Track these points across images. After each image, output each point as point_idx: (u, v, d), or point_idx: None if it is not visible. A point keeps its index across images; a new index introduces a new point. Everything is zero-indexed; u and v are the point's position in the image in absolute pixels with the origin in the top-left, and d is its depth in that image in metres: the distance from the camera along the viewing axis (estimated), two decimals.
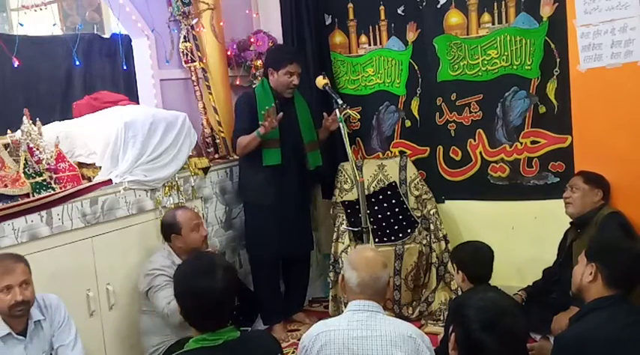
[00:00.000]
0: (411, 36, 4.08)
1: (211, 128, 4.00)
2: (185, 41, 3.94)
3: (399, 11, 4.10)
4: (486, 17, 3.81)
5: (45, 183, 2.90)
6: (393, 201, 4.05)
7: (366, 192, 3.93)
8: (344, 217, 3.86)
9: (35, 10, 3.38)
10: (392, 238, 3.84)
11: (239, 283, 2.21)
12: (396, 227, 3.92)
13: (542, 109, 3.70)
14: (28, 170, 2.87)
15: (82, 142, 3.30)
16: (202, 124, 3.97)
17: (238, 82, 4.37)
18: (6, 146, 2.92)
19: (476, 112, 3.91)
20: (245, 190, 3.86)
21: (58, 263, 2.82)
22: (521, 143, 3.79)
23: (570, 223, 3.30)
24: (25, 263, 2.39)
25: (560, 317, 2.88)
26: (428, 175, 4.14)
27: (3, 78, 3.82)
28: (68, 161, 3.06)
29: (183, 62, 3.96)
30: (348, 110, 3.34)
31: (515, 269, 3.72)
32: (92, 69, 4.26)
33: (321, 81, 3.41)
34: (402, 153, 4.21)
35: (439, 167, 4.09)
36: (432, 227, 3.80)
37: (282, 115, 3.53)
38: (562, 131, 3.64)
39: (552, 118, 3.68)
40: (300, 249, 3.90)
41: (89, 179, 3.20)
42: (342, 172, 4.20)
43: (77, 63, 3.57)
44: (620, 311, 2.11)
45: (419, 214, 3.98)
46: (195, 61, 3.96)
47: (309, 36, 4.19)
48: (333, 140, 3.95)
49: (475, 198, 4.00)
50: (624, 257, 2.20)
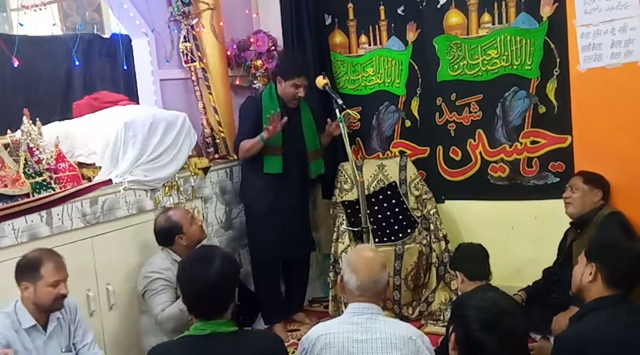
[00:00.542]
0: (411, 36, 4.08)
1: (211, 128, 4.00)
2: (185, 41, 3.94)
3: (399, 11, 4.10)
4: (486, 17, 3.81)
5: (45, 183, 2.90)
6: (393, 201, 4.05)
7: (366, 192, 3.93)
8: (344, 217, 3.86)
9: (35, 10, 3.38)
10: (392, 238, 3.84)
11: (238, 278, 2.27)
12: (396, 227, 3.92)
13: (542, 109, 3.70)
14: (28, 170, 2.87)
15: (82, 142, 3.30)
16: (202, 124, 3.98)
17: (238, 82, 4.37)
18: (6, 146, 2.93)
19: (476, 112, 3.91)
20: (246, 194, 3.89)
21: None
22: (521, 143, 3.79)
23: (570, 223, 3.30)
24: None
25: (560, 317, 2.88)
26: (428, 175, 4.14)
27: (3, 78, 3.82)
28: (68, 161, 3.07)
29: (183, 62, 3.96)
30: (349, 110, 3.34)
31: (515, 269, 3.72)
32: (92, 69, 4.26)
33: (321, 81, 3.41)
34: (402, 153, 4.21)
35: (439, 167, 4.09)
36: (432, 227, 3.80)
37: (286, 120, 3.53)
38: (562, 131, 3.64)
39: (552, 118, 3.68)
40: (300, 251, 3.91)
41: (89, 179, 3.20)
42: (342, 172, 4.20)
43: (77, 63, 3.57)
44: (620, 311, 2.11)
45: (419, 214, 3.98)
46: (195, 61, 3.96)
47: (309, 36, 4.19)
48: (333, 140, 3.95)
49: (475, 198, 4.00)
50: (624, 257, 2.20)
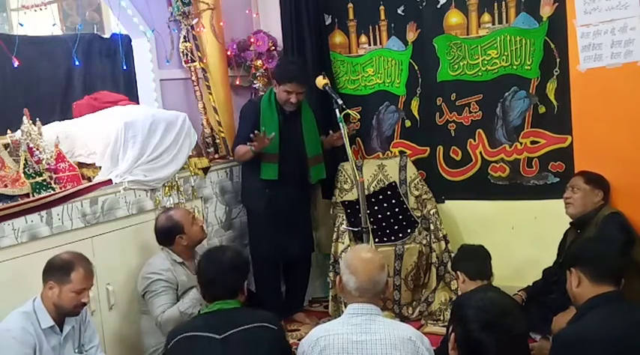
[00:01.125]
0: (411, 36, 4.08)
1: (211, 128, 4.00)
2: (185, 41, 3.94)
3: (399, 11, 4.09)
4: (486, 17, 3.81)
5: (45, 183, 2.90)
6: (393, 201, 4.05)
7: (366, 192, 3.93)
8: (344, 217, 3.86)
9: (35, 10, 3.38)
10: (392, 238, 3.84)
11: (247, 270, 2.62)
12: (396, 227, 3.92)
13: (542, 109, 3.70)
14: (28, 170, 2.87)
15: (82, 142, 3.30)
16: (202, 124, 3.98)
17: (238, 82, 4.37)
18: (6, 146, 2.93)
19: (476, 112, 3.91)
20: (245, 196, 3.92)
21: None
22: (521, 143, 3.79)
23: (570, 223, 3.30)
24: None
25: (560, 317, 2.88)
26: (428, 175, 4.14)
27: (3, 78, 3.82)
28: (68, 161, 3.07)
29: (183, 62, 3.96)
30: (349, 110, 3.34)
31: (515, 269, 3.72)
32: (92, 69, 4.26)
33: (321, 81, 3.41)
34: (402, 153, 4.21)
35: (439, 167, 4.09)
36: (432, 227, 3.80)
37: (273, 135, 3.53)
38: (562, 131, 3.64)
39: (552, 118, 3.68)
40: (300, 252, 3.91)
41: (89, 179, 3.20)
42: (342, 172, 4.20)
43: (77, 63, 3.57)
44: (618, 309, 2.12)
45: (419, 214, 3.98)
46: (195, 61, 3.96)
47: (309, 36, 4.19)
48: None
49: (475, 198, 4.00)
50: (595, 248, 2.33)
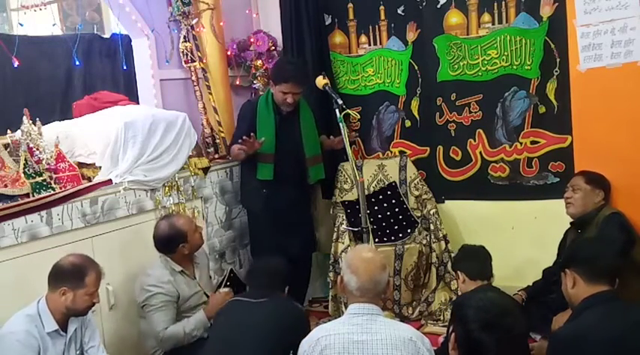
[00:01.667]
0: (411, 36, 4.07)
1: (211, 128, 4.00)
2: (185, 41, 3.94)
3: (399, 11, 4.09)
4: (486, 17, 3.81)
5: (45, 183, 2.90)
6: (393, 201, 4.05)
7: (366, 192, 3.93)
8: (344, 217, 3.86)
9: (35, 10, 3.38)
10: (392, 238, 3.84)
11: (286, 276, 2.87)
12: (396, 227, 3.92)
13: (542, 109, 3.70)
14: (28, 170, 2.87)
15: (82, 142, 3.30)
16: (202, 124, 3.98)
17: (238, 82, 4.37)
18: (6, 146, 2.93)
19: (476, 112, 3.91)
20: (244, 196, 3.92)
21: None
22: (521, 143, 3.79)
23: (570, 223, 3.30)
24: None
25: (560, 317, 2.87)
26: (428, 175, 4.14)
27: (3, 78, 3.82)
28: (68, 161, 3.07)
29: (183, 62, 3.96)
30: (349, 110, 3.34)
31: (515, 269, 3.72)
32: (92, 69, 4.26)
33: (321, 81, 3.40)
34: (402, 153, 4.21)
35: (439, 167, 4.09)
36: (432, 227, 3.80)
37: (263, 140, 3.55)
38: (562, 131, 3.64)
39: (552, 118, 3.68)
40: (300, 252, 3.91)
41: (89, 179, 3.20)
42: (342, 172, 4.20)
43: (77, 63, 3.57)
44: (614, 308, 2.13)
45: (419, 214, 3.98)
46: (195, 61, 3.96)
47: (308, 36, 4.19)
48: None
49: (475, 198, 4.00)
50: (588, 249, 2.36)
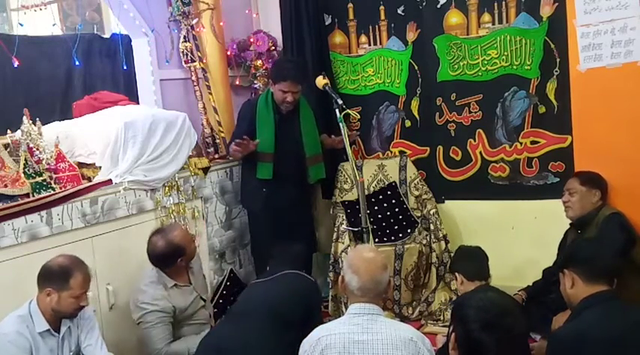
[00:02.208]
0: (411, 36, 4.08)
1: (211, 128, 4.00)
2: (185, 41, 3.94)
3: (399, 11, 4.10)
4: (486, 17, 3.81)
5: (45, 183, 2.90)
6: (393, 201, 4.05)
7: (366, 192, 3.94)
8: (344, 217, 3.86)
9: (35, 10, 3.39)
10: (392, 238, 3.84)
11: (308, 261, 3.28)
12: (396, 227, 3.92)
13: (541, 109, 3.71)
14: (28, 170, 2.87)
15: (82, 142, 3.30)
16: (202, 124, 3.98)
17: (238, 82, 4.37)
18: (6, 146, 2.93)
19: (476, 112, 3.91)
20: (244, 196, 3.93)
21: None
22: (521, 143, 3.79)
23: (570, 224, 3.30)
24: None
25: (560, 317, 2.88)
26: (428, 175, 4.14)
27: (3, 78, 3.82)
28: (68, 161, 3.07)
29: (183, 62, 3.96)
30: (349, 110, 3.34)
31: (515, 269, 3.72)
32: (92, 69, 4.26)
33: (321, 81, 3.40)
34: (402, 153, 4.21)
35: (439, 167, 4.09)
36: (432, 227, 3.80)
37: (258, 142, 3.58)
38: (562, 131, 3.64)
39: (552, 118, 3.68)
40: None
41: (89, 179, 3.20)
42: (342, 172, 4.20)
43: (77, 63, 3.57)
44: (613, 308, 2.14)
45: (419, 214, 3.98)
46: (195, 61, 3.96)
47: (308, 36, 4.19)
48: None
49: (475, 198, 4.00)
50: (586, 249, 2.38)
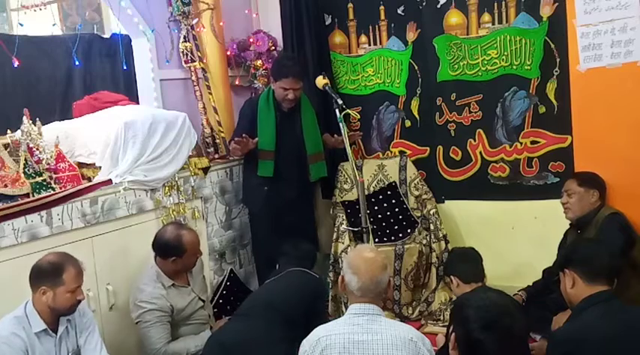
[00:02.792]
0: (411, 36, 4.08)
1: (211, 128, 4.00)
2: (185, 41, 3.94)
3: (399, 11, 4.10)
4: (486, 17, 3.81)
5: (45, 183, 2.90)
6: (393, 201, 4.05)
7: (366, 192, 3.94)
8: (344, 217, 3.86)
9: (35, 10, 3.39)
10: (392, 238, 3.84)
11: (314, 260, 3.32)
12: (396, 227, 3.92)
13: (542, 109, 3.71)
14: (28, 170, 2.87)
15: (82, 142, 3.29)
16: (202, 124, 3.97)
17: (238, 82, 4.37)
18: (6, 146, 2.92)
19: (476, 112, 3.91)
20: (245, 194, 3.94)
21: None
22: (521, 143, 3.79)
23: (570, 224, 3.30)
24: None
25: (560, 317, 2.88)
26: (428, 175, 4.14)
27: (3, 78, 3.82)
28: (68, 161, 3.07)
29: (183, 62, 3.96)
30: (349, 110, 3.34)
31: (515, 269, 3.73)
32: (92, 69, 4.26)
33: (321, 81, 3.41)
34: (402, 153, 4.21)
35: (439, 167, 4.09)
36: (432, 227, 3.80)
37: (257, 140, 3.60)
38: (562, 131, 3.64)
39: (552, 118, 3.68)
40: None
41: (89, 179, 3.20)
42: (342, 172, 4.20)
43: (77, 63, 3.57)
44: (613, 308, 2.14)
45: (419, 214, 3.98)
46: (195, 61, 3.95)
47: (308, 36, 4.19)
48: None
49: (475, 198, 4.00)
50: (586, 249, 2.37)
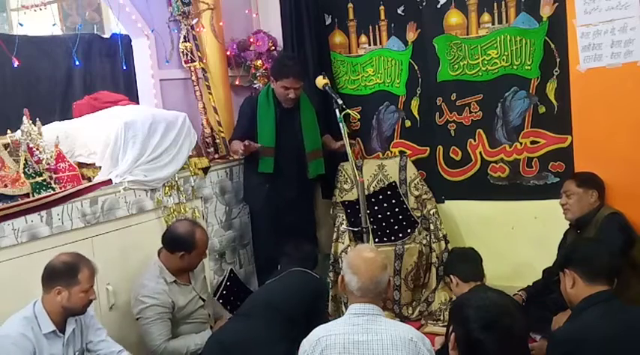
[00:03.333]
0: (411, 36, 4.08)
1: (211, 128, 4.00)
2: (185, 41, 3.94)
3: (399, 11, 4.10)
4: (486, 17, 3.81)
5: (45, 183, 2.90)
6: (393, 201, 4.05)
7: (366, 192, 3.94)
8: (344, 217, 3.86)
9: (35, 10, 3.39)
10: (392, 238, 3.84)
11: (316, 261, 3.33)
12: (396, 227, 3.92)
13: (542, 109, 3.70)
14: (28, 170, 2.87)
15: (82, 142, 3.29)
16: (202, 124, 3.98)
17: (238, 82, 4.37)
18: (6, 146, 2.92)
19: (476, 112, 3.91)
20: (246, 192, 3.95)
21: None
22: (521, 143, 3.79)
23: (570, 224, 3.30)
24: None
25: (560, 317, 2.88)
26: (428, 175, 4.14)
27: (3, 78, 3.82)
28: (68, 161, 3.06)
29: (183, 62, 3.96)
30: (349, 110, 3.34)
31: (515, 269, 3.73)
32: (92, 69, 4.26)
33: (321, 81, 3.41)
34: (402, 153, 4.21)
35: (439, 167, 4.09)
36: (432, 227, 3.80)
37: (260, 146, 3.59)
38: (562, 131, 3.64)
39: (552, 118, 3.68)
40: None
41: (89, 179, 3.20)
42: (342, 172, 4.20)
43: (77, 63, 3.57)
44: (613, 308, 2.14)
45: (419, 214, 3.98)
46: (195, 61, 3.96)
47: (308, 36, 4.19)
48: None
49: (475, 198, 4.00)
50: (586, 249, 2.38)
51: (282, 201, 3.75)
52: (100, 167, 3.23)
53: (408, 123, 4.17)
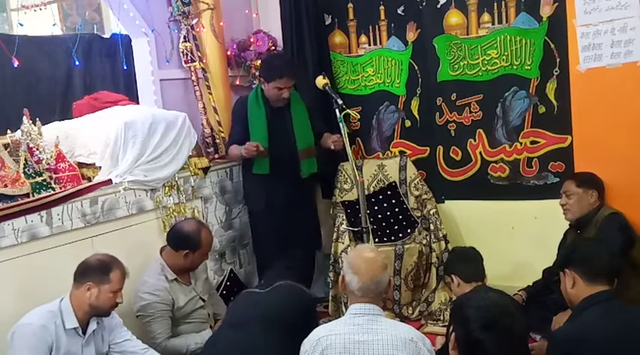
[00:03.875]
0: (411, 36, 4.08)
1: (211, 128, 4.00)
2: (185, 41, 3.94)
3: (399, 11, 4.10)
4: (486, 17, 3.81)
5: (45, 183, 2.90)
6: (393, 201, 4.05)
7: (366, 192, 3.94)
8: (344, 217, 3.86)
9: (35, 10, 3.39)
10: (392, 238, 3.84)
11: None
12: (396, 227, 3.92)
13: (541, 109, 3.70)
14: (28, 170, 2.87)
15: (82, 142, 3.30)
16: (202, 124, 3.98)
17: (238, 82, 4.37)
18: (6, 146, 2.93)
19: (476, 112, 3.91)
20: (245, 193, 3.95)
21: (58, 263, 2.81)
22: (521, 143, 3.79)
23: (570, 224, 3.30)
24: None
25: (560, 317, 2.88)
26: (428, 175, 4.14)
27: (3, 78, 3.83)
28: (68, 161, 3.07)
29: (183, 62, 3.96)
30: (349, 110, 3.34)
31: (515, 269, 3.73)
32: (92, 69, 4.27)
33: (321, 81, 3.40)
34: (402, 153, 4.21)
35: (439, 167, 4.09)
36: (432, 227, 3.79)
37: (265, 150, 3.58)
38: (562, 131, 3.64)
39: (552, 118, 3.68)
40: (304, 250, 3.91)
41: (89, 179, 3.20)
42: (342, 172, 4.20)
43: (77, 63, 3.58)
44: (613, 308, 2.14)
45: (419, 214, 3.98)
46: (195, 61, 3.95)
47: (308, 36, 4.19)
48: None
49: (475, 198, 4.00)
50: (587, 248, 2.38)
51: (281, 202, 3.74)
52: (100, 167, 3.24)
53: (408, 123, 4.17)
